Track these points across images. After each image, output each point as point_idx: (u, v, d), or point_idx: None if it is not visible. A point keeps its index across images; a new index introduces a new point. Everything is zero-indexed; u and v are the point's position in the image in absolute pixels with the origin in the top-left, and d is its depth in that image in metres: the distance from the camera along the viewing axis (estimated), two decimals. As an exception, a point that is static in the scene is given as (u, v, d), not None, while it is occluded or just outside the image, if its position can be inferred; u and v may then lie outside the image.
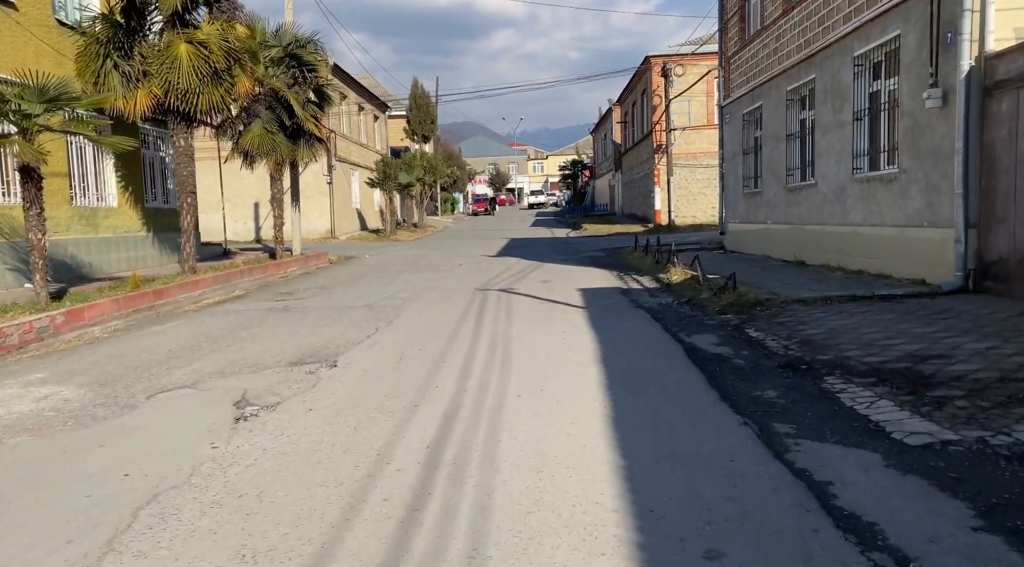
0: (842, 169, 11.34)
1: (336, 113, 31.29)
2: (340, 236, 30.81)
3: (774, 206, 14.54)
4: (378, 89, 45.76)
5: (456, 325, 8.57)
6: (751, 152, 16.35)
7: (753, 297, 8.89)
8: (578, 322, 8.50)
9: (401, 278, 14.54)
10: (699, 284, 10.70)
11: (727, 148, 17.96)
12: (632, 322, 8.45)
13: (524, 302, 10.47)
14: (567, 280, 13.29)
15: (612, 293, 11.32)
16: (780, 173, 14.15)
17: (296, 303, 11.06)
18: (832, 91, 11.59)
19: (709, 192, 30.26)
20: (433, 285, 13.09)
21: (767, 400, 5.03)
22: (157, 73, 12.18)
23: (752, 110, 15.90)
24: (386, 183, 31.15)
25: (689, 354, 6.58)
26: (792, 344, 6.71)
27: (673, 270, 12.52)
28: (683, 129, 29.14)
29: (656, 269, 13.80)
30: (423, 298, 11.25)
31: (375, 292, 12.21)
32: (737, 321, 8.10)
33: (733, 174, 17.50)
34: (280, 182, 17.88)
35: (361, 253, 22.54)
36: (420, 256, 20.83)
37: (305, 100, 17.58)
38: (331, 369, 6.42)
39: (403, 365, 6.48)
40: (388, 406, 5.15)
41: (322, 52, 17.64)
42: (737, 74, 16.84)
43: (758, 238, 15.61)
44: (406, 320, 9.11)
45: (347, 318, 9.35)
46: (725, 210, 18.11)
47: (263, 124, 16.73)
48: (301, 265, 17.45)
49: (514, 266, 16.50)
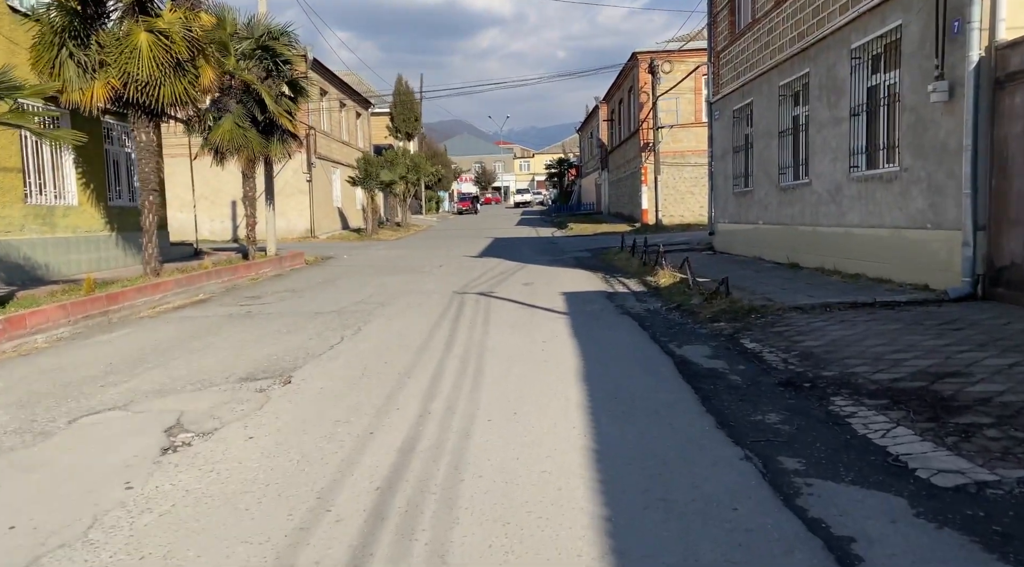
0: (838, 167, 10.81)
1: (316, 109, 30.53)
2: (320, 236, 30.06)
3: (766, 206, 14.01)
4: (361, 86, 44.99)
5: (428, 334, 7.94)
6: (741, 150, 15.82)
7: (747, 303, 8.32)
8: (560, 331, 7.90)
9: (377, 280, 13.88)
10: (689, 288, 10.13)
11: (716, 146, 17.43)
12: (618, 331, 7.86)
13: (504, 307, 9.86)
14: (550, 283, 12.69)
15: (597, 297, 10.73)
16: (772, 172, 13.62)
17: (261, 308, 10.38)
18: (827, 86, 11.06)
19: (697, 191, 29.80)
20: (410, 288, 12.45)
21: (770, 426, 4.45)
22: (115, 63, 11.46)
23: (742, 106, 15.37)
24: (368, 181, 30.42)
25: (680, 369, 5.99)
26: (792, 358, 6.14)
27: (661, 272, 11.94)
28: (671, 127, 28.64)
29: (643, 271, 13.23)
30: (397, 303, 10.61)
31: (347, 296, 11.55)
32: (731, 330, 7.52)
33: (722, 173, 16.97)
34: (252, 180, 17.16)
35: (340, 253, 21.84)
36: (400, 257, 20.16)
37: (278, 94, 16.87)
38: (284, 386, 5.78)
39: (364, 382, 5.84)
40: (339, 434, 4.52)
41: (296, 44, 16.94)
42: (727, 69, 16.30)
43: (749, 239, 15.08)
44: (376, 328, 8.47)
45: (312, 326, 8.69)
46: (714, 210, 17.58)
47: (234, 119, 16.01)
48: (274, 266, 16.74)
49: (496, 267, 15.88)
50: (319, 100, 31.11)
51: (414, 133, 43.07)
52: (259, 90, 15.91)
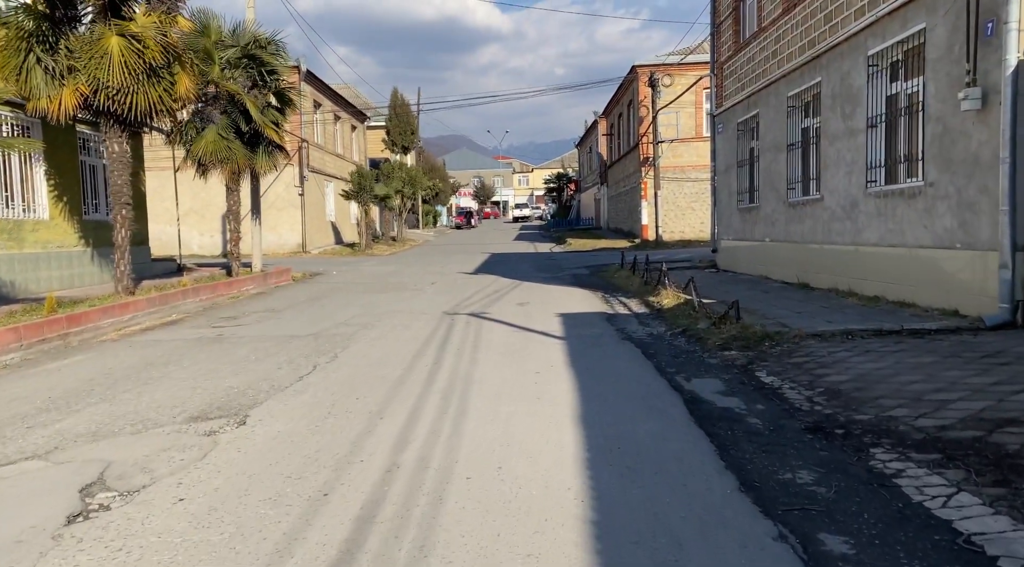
0: (853, 182, 10.13)
1: (310, 122, 29.95)
2: (312, 251, 29.37)
3: (773, 222, 13.32)
4: (358, 100, 44.48)
5: (410, 362, 7.20)
6: (746, 164, 15.16)
7: (760, 329, 7.59)
8: (555, 359, 7.16)
9: (364, 299, 13.15)
10: (695, 311, 9.41)
11: (719, 160, 16.78)
12: (619, 360, 7.12)
13: (495, 331, 9.12)
14: (546, 303, 11.97)
15: (596, 320, 10.00)
16: (780, 186, 12.94)
17: (234, 331, 9.64)
18: (841, 95, 10.40)
19: (698, 207, 29.16)
20: (397, 307, 11.72)
21: (803, 488, 3.71)
22: (84, 69, 10.79)
23: (748, 119, 14.73)
24: (361, 195, 29.76)
25: (691, 409, 5.25)
26: (817, 396, 5.41)
27: (664, 293, 11.23)
28: (671, 141, 28.04)
29: (645, 291, 12.51)
30: (382, 324, 9.87)
31: (329, 317, 10.81)
32: (744, 360, 6.79)
33: (726, 188, 16.30)
34: (237, 193, 16.46)
35: (330, 269, 21.12)
36: (392, 273, 19.44)
37: (265, 104, 16.21)
38: (237, 428, 5.03)
39: (329, 423, 5.10)
40: (288, 495, 3.78)
41: (284, 54, 16.31)
42: (731, 81, 15.68)
43: (755, 257, 14.38)
44: (353, 355, 7.73)
45: (285, 352, 7.95)
46: (717, 226, 16.90)
47: (218, 130, 15.34)
48: (258, 283, 16.01)
49: (490, 285, 15.16)
50: (312, 112, 30.54)
51: (411, 146, 42.50)
52: (244, 100, 15.25)
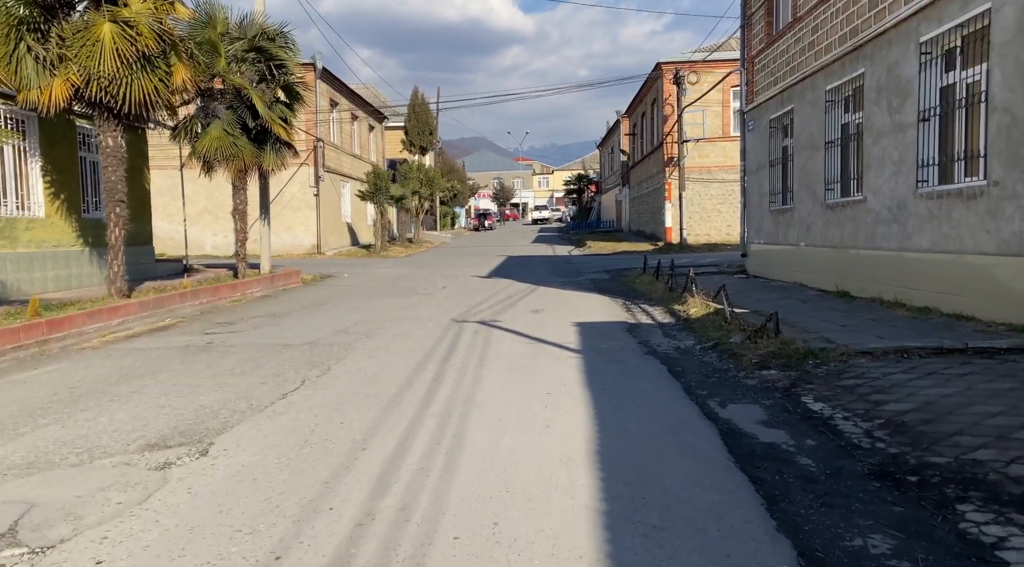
0: (901, 182, 9.22)
1: (326, 120, 29.42)
2: (327, 252, 28.82)
3: (808, 226, 12.41)
4: (377, 100, 44.00)
5: (408, 379, 6.45)
6: (778, 163, 14.25)
7: (803, 345, 6.74)
8: (569, 377, 6.37)
9: (370, 304, 12.44)
10: (726, 322, 8.56)
11: (750, 159, 15.88)
12: (642, 380, 6.30)
13: (505, 341, 8.35)
14: (562, 310, 11.17)
15: (616, 330, 9.18)
16: (816, 187, 12.03)
17: (226, 338, 8.96)
18: (888, 87, 9.50)
19: (724, 209, 28.19)
20: (404, 314, 10.99)
21: (881, 563, 2.89)
22: (76, 58, 10.20)
23: (781, 115, 13.82)
24: (377, 196, 29.15)
25: (730, 444, 4.43)
26: (877, 429, 4.57)
27: (691, 301, 10.39)
28: (696, 141, 27.10)
29: (670, 298, 11.67)
30: (384, 333, 9.14)
31: (331, 323, 10.11)
32: (786, 382, 5.95)
33: (757, 189, 15.39)
34: (244, 192, 15.86)
35: (342, 271, 20.49)
36: (404, 276, 18.75)
37: (272, 99, 15.60)
38: (196, 460, 4.31)
39: (303, 455, 4.36)
40: (230, 560, 3.03)
41: (293, 47, 15.68)
42: (762, 75, 14.78)
43: (788, 262, 13.46)
44: (348, 368, 6.99)
45: (274, 363, 7.25)
46: (747, 229, 15.99)
47: (223, 126, 14.75)
48: (264, 286, 15.39)
49: (504, 290, 14.39)
50: (329, 111, 30.01)
51: (429, 147, 41.89)
52: (251, 94, 14.64)
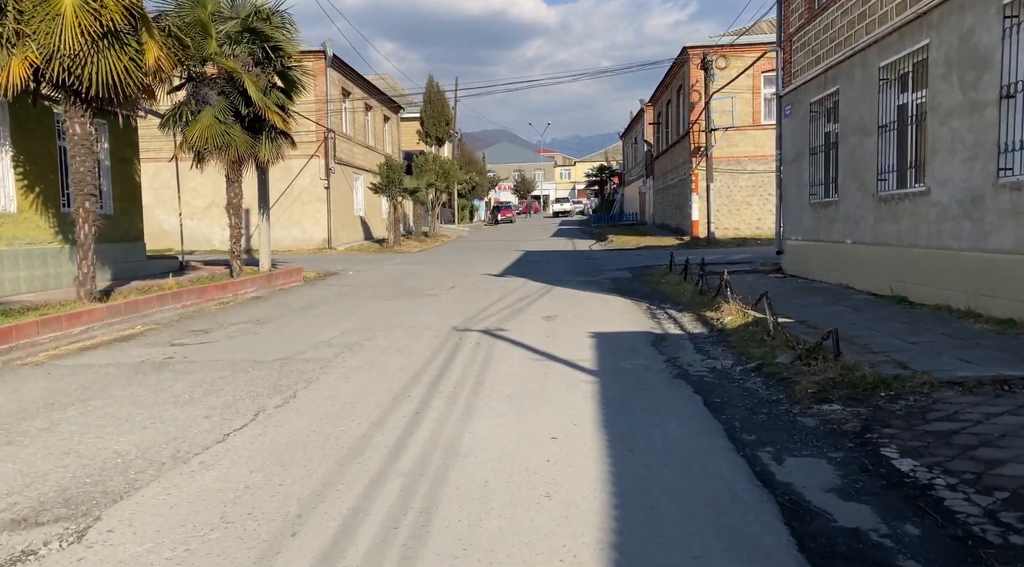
0: (976, 170, 7.85)
1: (337, 110, 28.35)
2: (338, 247, 27.80)
3: (857, 221, 11.03)
4: (394, 91, 42.89)
5: (384, 412, 5.27)
6: (820, 151, 12.85)
7: (870, 372, 5.45)
8: (581, 413, 5.15)
9: (367, 307, 11.30)
10: (769, 335, 7.28)
11: (786, 147, 14.47)
12: (673, 419, 5.05)
13: (509, 358, 7.15)
14: (579, 315, 9.94)
15: (640, 343, 7.93)
16: (867, 177, 10.65)
17: (191, 352, 7.85)
18: (960, 60, 8.11)
19: (755, 201, 26.70)
20: (401, 320, 9.83)
21: None
22: (35, 34, 9.14)
23: (824, 97, 12.42)
24: (390, 188, 28.06)
25: (797, 534, 3.18)
26: (1002, 507, 3.31)
27: (726, 307, 9.09)
28: (725, 129, 25.60)
29: (700, 303, 10.38)
30: (372, 345, 7.99)
31: (317, 332, 8.98)
32: (855, 422, 4.68)
33: (795, 180, 13.99)
34: (239, 184, 14.80)
35: (349, 268, 19.42)
36: (412, 274, 17.60)
37: (268, 85, 14.49)
38: (62, 551, 3.17)
39: (207, 545, 3.19)
40: None
41: (290, 27, 14.56)
42: (802, 54, 13.36)
43: (831, 260, 12.09)
44: (315, 395, 5.84)
45: (231, 388, 6.11)
46: (784, 224, 14.60)
47: (214, 113, 13.68)
48: (261, 285, 14.33)
49: (516, 290, 13.18)
50: (340, 101, 28.94)
51: (446, 138, 40.70)
52: (243, 79, 13.53)
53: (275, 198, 27.66)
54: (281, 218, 27.62)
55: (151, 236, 27.18)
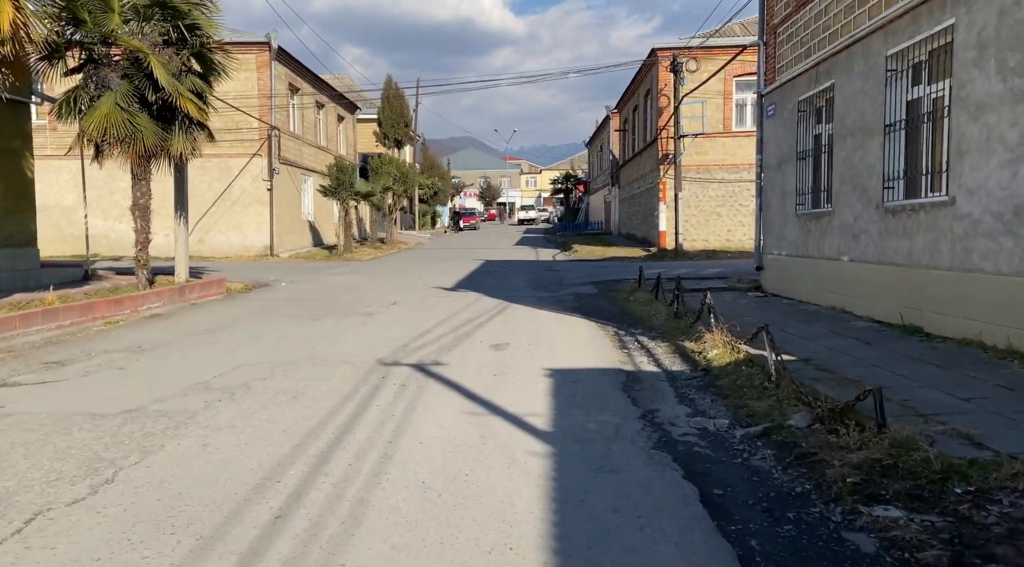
0: (1021, 175, 6.38)
1: (283, 106, 26.35)
2: (282, 254, 25.75)
3: (856, 235, 9.57)
4: (352, 92, 40.92)
5: (229, 515, 3.50)
6: (809, 155, 11.41)
7: (935, 456, 3.84)
8: (522, 522, 3.44)
9: (280, 331, 9.47)
10: (770, 381, 5.69)
11: (768, 152, 13.03)
12: (660, 534, 3.37)
13: (439, 410, 5.42)
14: (535, 344, 8.25)
15: (608, 387, 6.26)
16: (869, 185, 9.20)
17: (15, 397, 5.96)
18: (999, 40, 6.66)
19: (724, 212, 25.41)
20: (316, 351, 8.04)
21: None
22: None
23: (814, 95, 10.99)
24: (339, 191, 26.12)
25: None
26: None
27: (710, 338, 7.50)
28: (695, 136, 24.27)
29: (677, 328, 8.79)
30: (262, 389, 6.19)
31: (199, 367, 7.14)
32: (937, 548, 3.06)
33: (779, 187, 12.55)
34: (146, 182, 12.83)
35: (285, 278, 17.48)
36: (353, 286, 15.74)
37: (182, 69, 12.58)
38: None
39: None
40: None
41: (211, 3, 12.66)
42: (789, 47, 11.94)
43: (822, 280, 10.62)
44: (141, 479, 4.04)
45: (27, 463, 4.29)
46: (764, 237, 13.15)
47: (116, 99, 11.72)
48: (170, 299, 12.37)
49: (467, 308, 11.46)
50: (287, 96, 26.94)
51: (405, 140, 38.82)
52: (150, 60, 11.60)
53: (212, 200, 25.57)
54: (219, 222, 25.53)
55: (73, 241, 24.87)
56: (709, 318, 8.04)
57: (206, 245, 25.54)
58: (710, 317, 7.89)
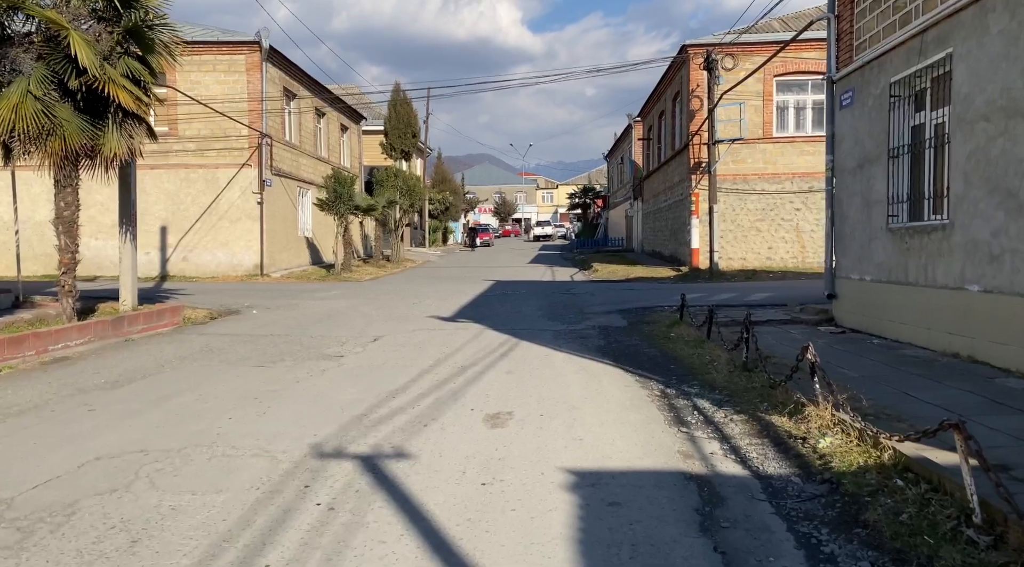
0: None
1: (276, 111, 24.12)
2: (274, 273, 23.39)
3: (995, 256, 6.93)
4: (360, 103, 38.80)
5: None
6: (905, 153, 8.80)
7: None
8: None
9: (204, 387, 6.97)
10: (965, 520, 3.07)
11: (844, 150, 10.43)
12: None
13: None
14: (548, 418, 5.69)
15: (673, 521, 3.67)
16: (1018, 186, 6.57)
17: None
18: None
19: (764, 227, 22.73)
20: (222, 428, 5.53)
21: None
22: None
23: (917, 72, 8.40)
24: (337, 205, 23.77)
25: None
26: None
27: (814, 413, 4.91)
28: (732, 141, 21.66)
29: (751, 387, 6.20)
30: (73, 531, 3.68)
31: (5, 469, 4.65)
32: None
33: (859, 194, 9.93)
34: (72, 190, 10.46)
35: (261, 303, 15.05)
36: (334, 314, 13.24)
37: (116, 50, 10.22)
38: None
39: None
40: None
41: (155, -32, 10.33)
42: (875, 16, 9.38)
43: (933, 315, 7.98)
44: None
45: None
46: (840, 257, 10.51)
47: (28, 86, 9.39)
48: (98, 333, 9.97)
49: (464, 348, 8.92)
50: (281, 101, 24.72)
51: (412, 151, 36.52)
52: (71, 37, 9.27)
53: (197, 214, 23.32)
54: (204, 239, 23.26)
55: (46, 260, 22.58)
56: (817, 389, 5.44)
57: (190, 264, 23.28)
58: (815, 381, 5.27)
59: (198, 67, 22.96)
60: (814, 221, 22.47)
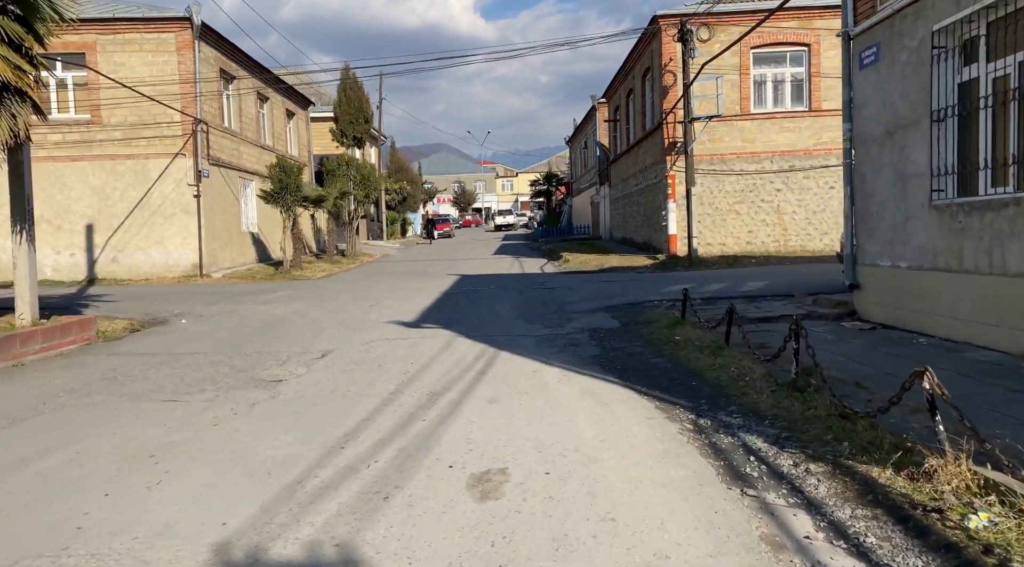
0: None
1: (213, 95, 21.93)
2: (215, 273, 21.28)
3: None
4: (309, 89, 36.55)
5: None
6: (950, 116, 7.40)
7: None
8: None
9: (63, 449, 5.19)
10: None
11: (868, 116, 9.01)
12: None
13: None
14: (558, 481, 4.09)
15: None
16: None
17: None
18: None
19: (743, 209, 21.45)
20: (101, 516, 3.79)
21: None
22: None
23: (966, 18, 6.97)
24: (283, 196, 21.74)
25: None
26: None
27: (937, 463, 3.39)
28: (710, 118, 20.26)
29: (813, 415, 4.67)
30: None
31: None
32: None
33: (889, 166, 8.52)
34: (-63, 181, 8.44)
35: (195, 309, 13.12)
36: (278, 321, 11.41)
37: (-14, 6, 8.23)
38: None
39: None
40: None
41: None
42: (906, -45, 7.93)
43: (1003, 311, 6.59)
44: None
45: None
46: (863, 240, 9.11)
47: None
48: (-29, 361, 8.00)
49: (432, 365, 7.26)
50: (218, 83, 22.52)
51: (365, 138, 34.42)
52: (-81, -13, 7.26)
53: (127, 210, 21.06)
54: (136, 237, 21.04)
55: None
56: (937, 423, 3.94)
57: (121, 265, 21.05)
58: (937, 421, 3.75)
59: (122, 47, 20.70)
60: (796, 202, 21.30)
